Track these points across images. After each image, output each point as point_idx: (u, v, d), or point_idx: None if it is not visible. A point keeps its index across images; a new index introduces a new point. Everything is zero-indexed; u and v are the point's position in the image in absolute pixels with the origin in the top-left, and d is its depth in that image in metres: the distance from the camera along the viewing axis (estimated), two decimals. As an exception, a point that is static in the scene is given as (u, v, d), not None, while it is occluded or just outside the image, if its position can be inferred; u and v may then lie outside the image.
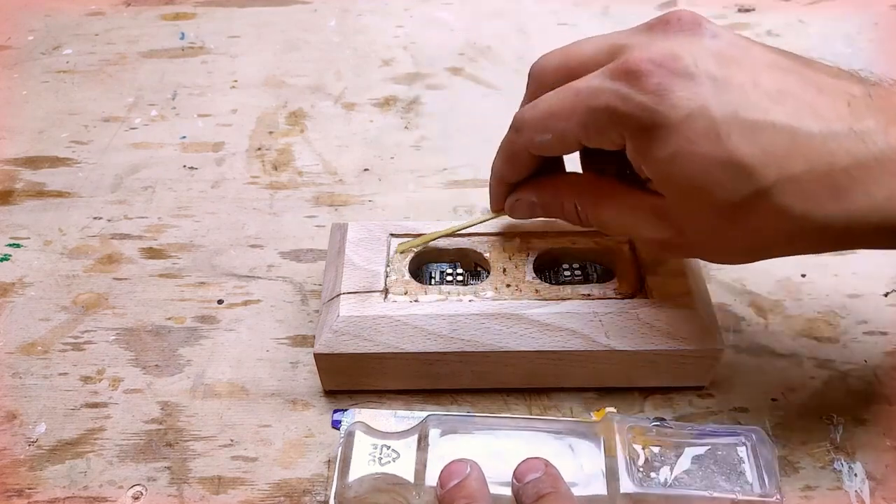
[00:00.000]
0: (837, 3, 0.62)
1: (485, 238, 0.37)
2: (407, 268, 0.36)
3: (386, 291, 0.35)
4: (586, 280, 0.36)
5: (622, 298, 0.34)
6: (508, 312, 0.33)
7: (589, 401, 0.35)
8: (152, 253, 0.43)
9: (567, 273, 0.37)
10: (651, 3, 0.64)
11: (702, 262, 0.39)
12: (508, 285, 0.35)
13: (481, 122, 0.52)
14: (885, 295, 0.40)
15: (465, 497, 0.28)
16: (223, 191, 0.47)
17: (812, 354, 0.37)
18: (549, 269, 0.37)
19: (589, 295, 0.34)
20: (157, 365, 0.37)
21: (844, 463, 0.33)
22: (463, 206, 0.45)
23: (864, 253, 0.42)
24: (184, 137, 0.51)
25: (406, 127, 0.52)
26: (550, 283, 0.36)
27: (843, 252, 0.42)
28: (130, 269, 0.42)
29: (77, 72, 0.57)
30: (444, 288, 0.35)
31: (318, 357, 0.34)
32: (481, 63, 0.58)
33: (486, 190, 0.36)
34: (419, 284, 0.35)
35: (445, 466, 0.29)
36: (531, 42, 0.60)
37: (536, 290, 0.35)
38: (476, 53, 0.59)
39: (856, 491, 0.32)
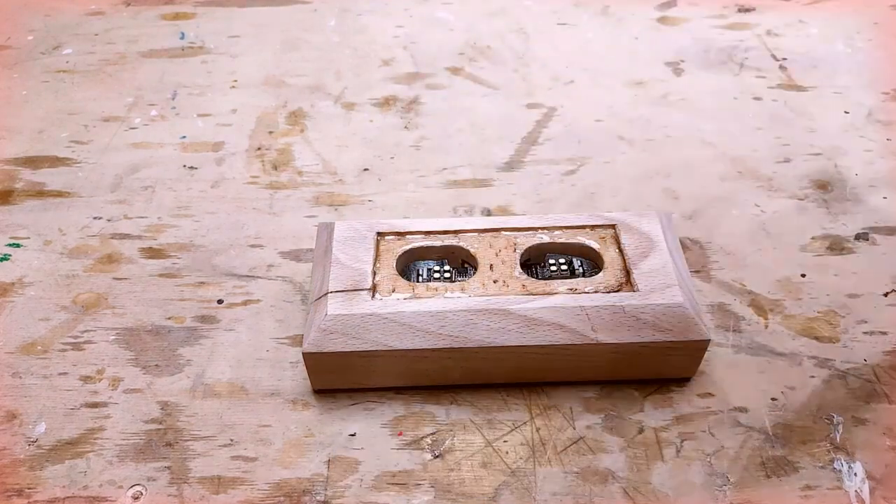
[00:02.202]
0: (837, 3, 0.63)
1: (472, 235, 0.37)
2: (395, 266, 0.36)
3: (374, 289, 0.35)
4: (572, 274, 0.36)
5: (608, 292, 0.34)
6: (496, 308, 0.34)
7: (588, 400, 0.35)
8: (152, 253, 0.43)
9: (553, 268, 0.37)
10: (651, 2, 0.64)
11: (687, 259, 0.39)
12: (495, 281, 0.35)
13: (481, 122, 0.52)
14: (885, 295, 0.40)
15: None
16: (223, 191, 0.47)
17: (812, 354, 0.37)
18: (535, 264, 0.37)
19: (575, 289, 0.35)
20: (156, 365, 0.37)
21: (844, 463, 0.33)
22: (462, 205, 0.45)
23: (864, 253, 0.42)
24: (184, 137, 0.51)
25: (406, 127, 0.52)
26: (537, 278, 0.36)
27: (843, 252, 0.42)
28: (130, 268, 0.42)
29: (77, 72, 0.57)
30: (432, 285, 0.35)
31: (307, 356, 0.34)
32: (481, 63, 0.58)
33: (485, 189, 0.36)
34: (407, 282, 0.35)
35: None
36: (531, 42, 0.60)
37: (523, 286, 0.35)
38: (476, 53, 0.59)
39: (856, 491, 0.32)
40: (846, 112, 0.52)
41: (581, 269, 0.37)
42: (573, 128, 0.51)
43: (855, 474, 0.32)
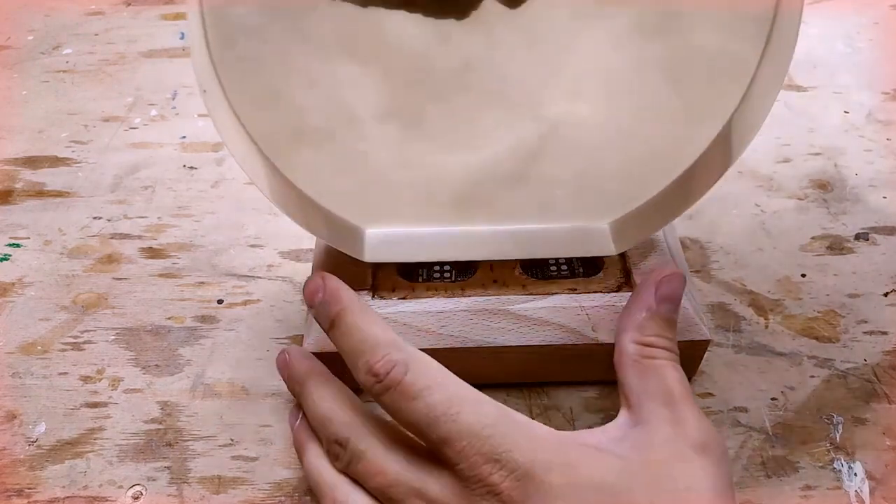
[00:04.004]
0: (837, 3, 0.62)
1: None
2: (395, 265, 0.36)
3: (374, 289, 0.35)
4: (573, 274, 0.36)
5: (608, 292, 0.34)
6: (496, 308, 0.33)
7: (588, 400, 0.35)
8: (152, 253, 0.43)
9: (553, 268, 0.37)
10: (651, 2, 0.64)
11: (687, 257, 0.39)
12: (496, 281, 0.35)
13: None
14: (885, 295, 0.40)
15: (337, 304, 0.29)
16: (223, 191, 0.47)
17: (812, 354, 0.37)
18: (535, 264, 0.37)
19: (575, 289, 0.34)
20: (156, 365, 0.37)
21: (844, 463, 0.33)
22: (463, 205, 0.45)
23: (864, 252, 0.42)
24: (184, 137, 0.51)
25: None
26: (537, 278, 0.36)
27: (843, 252, 0.42)
28: (130, 268, 0.42)
29: (77, 72, 0.57)
30: (432, 284, 0.35)
31: None
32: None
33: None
34: (407, 282, 0.35)
35: (304, 286, 0.30)
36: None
37: (523, 286, 0.35)
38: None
39: (856, 491, 0.32)
40: (846, 112, 0.52)
41: (581, 270, 0.37)
42: (573, 128, 0.51)
43: (855, 474, 0.32)
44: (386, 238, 0.34)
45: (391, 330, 0.29)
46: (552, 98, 0.30)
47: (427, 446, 0.27)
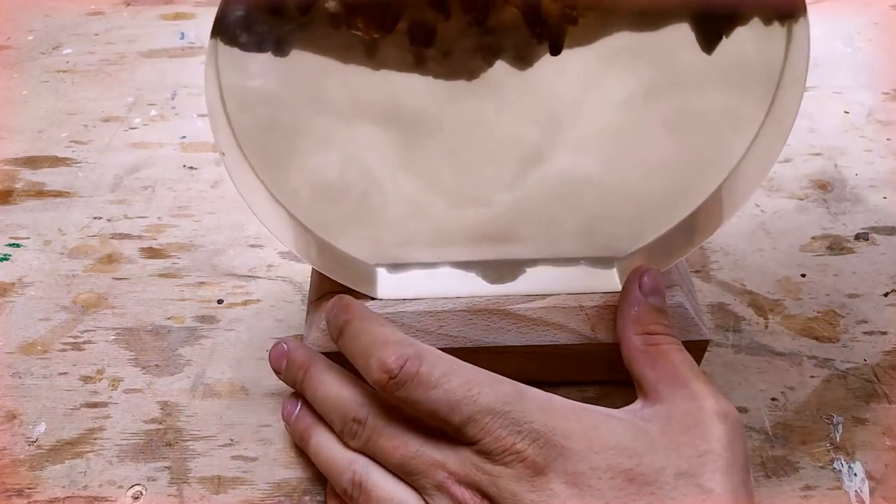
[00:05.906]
0: (837, 3, 0.62)
1: None
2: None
3: None
4: None
5: (608, 292, 0.34)
6: (495, 308, 0.34)
7: (588, 400, 0.35)
8: (152, 253, 0.43)
9: None
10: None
11: (689, 258, 0.39)
12: None
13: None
14: (885, 295, 0.40)
15: (346, 313, 0.30)
16: (223, 191, 0.47)
17: (812, 354, 0.37)
18: None
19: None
20: (156, 365, 0.37)
21: (844, 463, 0.33)
22: (463, 205, 0.45)
23: (864, 253, 0.42)
24: (184, 137, 0.51)
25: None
26: None
27: (843, 252, 0.42)
28: (130, 268, 0.42)
29: (77, 72, 0.57)
30: None
31: None
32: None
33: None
34: None
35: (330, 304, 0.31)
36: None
37: None
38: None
39: (856, 491, 0.32)
40: (846, 112, 0.52)
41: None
42: (573, 128, 0.51)
43: (855, 474, 0.32)
44: (397, 277, 0.35)
45: (399, 331, 0.30)
46: (559, 152, 0.31)
47: (448, 430, 0.28)
